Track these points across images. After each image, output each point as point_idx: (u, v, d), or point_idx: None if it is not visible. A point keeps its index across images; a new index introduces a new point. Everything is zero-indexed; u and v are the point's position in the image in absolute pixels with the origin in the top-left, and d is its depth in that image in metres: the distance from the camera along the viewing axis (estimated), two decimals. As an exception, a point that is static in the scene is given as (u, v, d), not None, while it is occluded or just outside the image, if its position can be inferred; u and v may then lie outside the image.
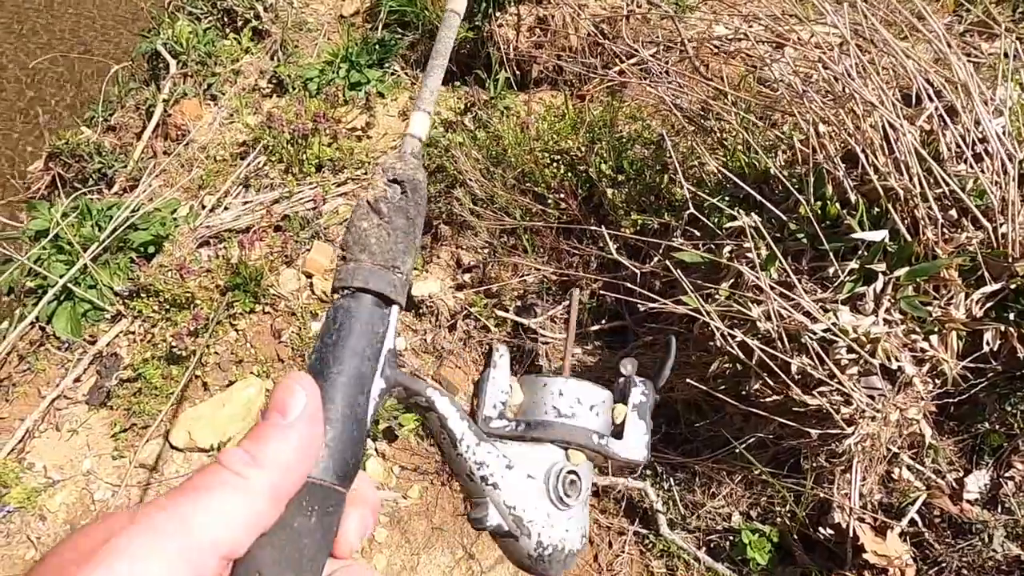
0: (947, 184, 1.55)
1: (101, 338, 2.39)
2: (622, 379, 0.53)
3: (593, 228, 2.16)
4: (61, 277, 2.36)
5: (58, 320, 2.37)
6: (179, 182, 2.85)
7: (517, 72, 2.97)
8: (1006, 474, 1.73)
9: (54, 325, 2.37)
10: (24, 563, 1.98)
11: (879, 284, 1.57)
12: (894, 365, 1.55)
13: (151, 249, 2.54)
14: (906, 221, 1.58)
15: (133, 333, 2.42)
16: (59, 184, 3.18)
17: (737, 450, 1.74)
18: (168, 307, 2.37)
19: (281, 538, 0.34)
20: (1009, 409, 1.72)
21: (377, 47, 3.18)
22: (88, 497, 2.09)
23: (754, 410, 1.65)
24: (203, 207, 2.74)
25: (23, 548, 2.01)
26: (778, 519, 1.78)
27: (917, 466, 1.75)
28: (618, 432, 0.51)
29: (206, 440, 2.13)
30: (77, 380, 2.34)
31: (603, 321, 2.19)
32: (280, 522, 0.35)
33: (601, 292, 2.16)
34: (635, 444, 0.50)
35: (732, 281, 1.73)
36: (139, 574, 0.29)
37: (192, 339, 2.25)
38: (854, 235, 1.58)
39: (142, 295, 2.40)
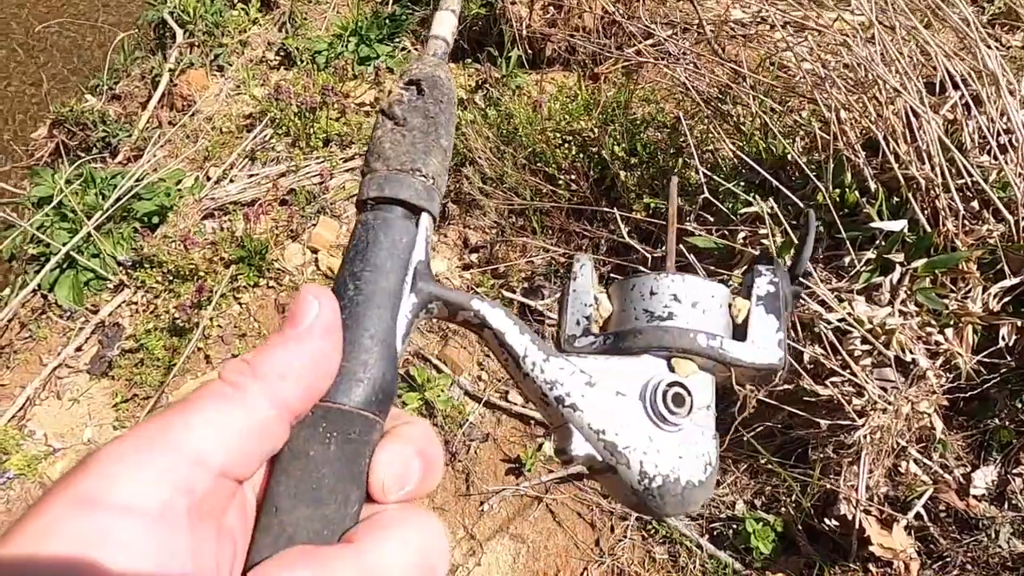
0: (970, 175, 1.52)
1: (103, 307, 2.37)
2: (746, 273, 0.43)
3: (604, 210, 2.13)
4: (64, 245, 2.33)
5: (60, 288, 2.34)
6: (184, 153, 2.82)
7: (529, 51, 2.92)
8: (1014, 471, 1.72)
9: (56, 293, 2.35)
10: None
11: (896, 275, 1.55)
12: (908, 357, 1.53)
13: (155, 219, 2.51)
14: (926, 211, 1.55)
15: (136, 303, 2.40)
16: (63, 152, 3.15)
17: (744, 438, 1.73)
18: (171, 278, 2.34)
19: (296, 468, 0.31)
20: (1020, 406, 1.70)
21: (387, 21, 3.12)
22: (88, 467, 2.09)
23: (763, 398, 1.64)
24: (208, 179, 2.71)
25: (22, 515, 2.00)
26: (783, 509, 1.77)
27: (925, 460, 1.74)
28: (741, 333, 0.41)
29: (208, 413, 2.11)
30: (79, 349, 2.32)
31: (611, 305, 2.17)
32: (295, 451, 0.32)
33: (611, 276, 2.13)
34: (764, 344, 0.40)
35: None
36: (109, 490, 0.26)
37: (195, 311, 2.23)
38: (872, 224, 1.55)
39: (145, 265, 2.38)
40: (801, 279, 0.45)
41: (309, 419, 0.32)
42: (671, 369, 0.40)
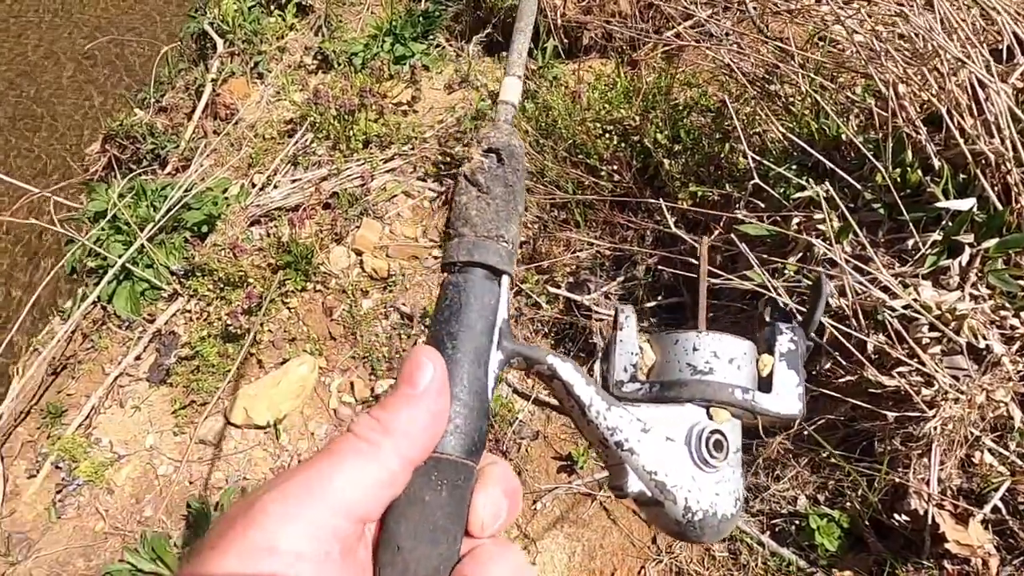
0: (1044, 146, 1.42)
1: (159, 316, 2.44)
2: (767, 328, 0.49)
3: (649, 201, 2.08)
4: (120, 257, 2.41)
5: (118, 299, 2.42)
6: (229, 161, 2.87)
7: (565, 40, 2.87)
8: (1101, 459, 1.61)
9: (115, 304, 2.42)
10: (95, 534, 2.05)
11: (965, 257, 1.46)
12: (981, 343, 1.44)
13: (204, 228, 2.57)
14: (996, 188, 1.46)
15: (189, 312, 2.46)
16: (115, 165, 3.24)
17: (805, 432, 1.67)
18: (222, 286, 2.39)
19: (415, 512, 0.36)
20: (1106, 390, 1.59)
21: (421, 19, 3.11)
22: (152, 472, 2.15)
23: (824, 391, 1.57)
24: (253, 185, 2.76)
25: (94, 520, 2.08)
26: (848, 504, 1.70)
27: (1001, 450, 1.64)
28: (766, 385, 0.46)
29: (262, 417, 2.15)
30: (138, 358, 2.39)
31: (659, 297, 2.12)
32: (412, 497, 0.36)
33: (658, 267, 2.08)
34: (787, 396, 0.46)
35: (801, 255, 1.64)
36: (278, 540, 0.31)
37: (246, 317, 2.27)
38: (938, 204, 1.47)
39: (197, 274, 2.43)
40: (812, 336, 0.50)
41: (423, 468, 0.37)
42: (709, 416, 0.45)
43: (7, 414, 2.26)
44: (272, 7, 3.55)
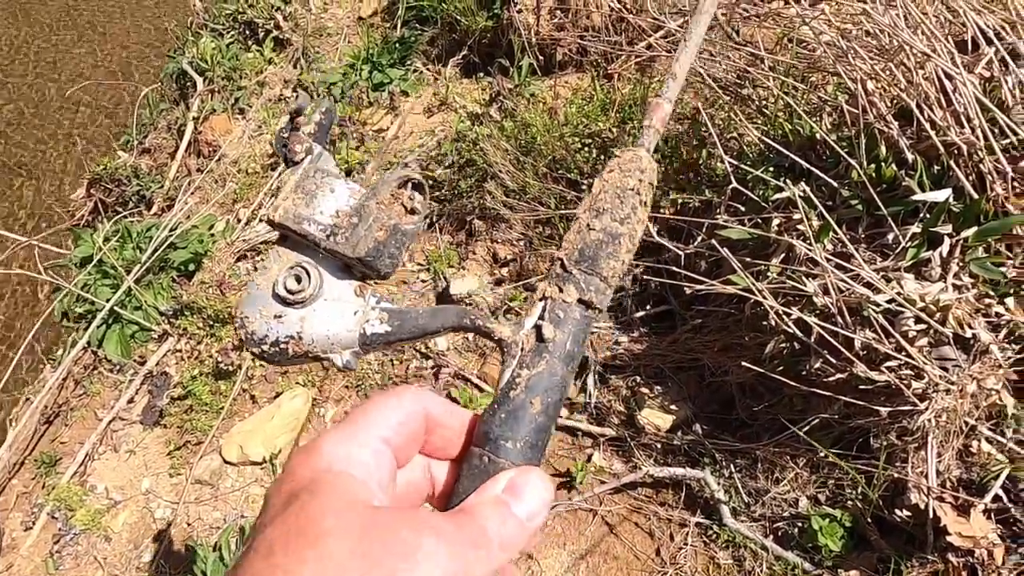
0: (1015, 133, 1.43)
1: (150, 358, 2.43)
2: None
3: (631, 211, 2.08)
4: (108, 301, 2.40)
5: (108, 343, 2.41)
6: (214, 198, 2.88)
7: (540, 57, 2.89)
8: (1099, 441, 1.60)
9: (105, 348, 2.42)
10: (94, 583, 2.03)
11: (945, 247, 1.46)
12: (967, 333, 1.44)
13: (191, 267, 2.56)
14: (971, 177, 1.46)
15: (180, 351, 2.45)
16: (101, 209, 3.25)
17: (800, 433, 1.66)
18: (212, 323, 2.38)
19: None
20: (1098, 371, 1.59)
21: (397, 45, 3.14)
22: (149, 516, 2.13)
23: (816, 390, 1.56)
24: (238, 220, 2.76)
25: (92, 569, 2.05)
26: (849, 502, 1.69)
27: (997, 438, 1.64)
28: None
29: (257, 453, 2.14)
30: (131, 401, 2.38)
31: (648, 307, 2.12)
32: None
33: (644, 277, 2.08)
34: None
35: (783, 256, 1.64)
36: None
37: (237, 354, 2.27)
38: (914, 197, 1.47)
39: (186, 313, 2.43)
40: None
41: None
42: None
43: (1, 467, 2.24)
44: (250, 43, 3.58)
